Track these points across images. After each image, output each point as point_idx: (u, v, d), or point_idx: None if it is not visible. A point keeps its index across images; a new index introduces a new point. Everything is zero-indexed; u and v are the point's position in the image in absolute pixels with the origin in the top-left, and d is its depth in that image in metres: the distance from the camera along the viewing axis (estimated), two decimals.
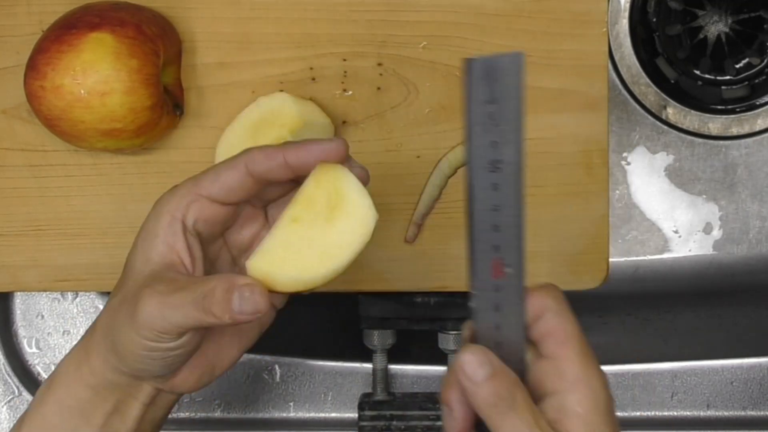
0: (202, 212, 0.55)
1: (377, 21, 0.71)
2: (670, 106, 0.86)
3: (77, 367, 0.57)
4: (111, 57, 0.64)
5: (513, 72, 0.47)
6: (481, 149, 0.47)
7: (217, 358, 0.58)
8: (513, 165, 0.48)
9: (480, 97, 0.47)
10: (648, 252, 0.88)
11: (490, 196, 0.48)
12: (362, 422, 0.75)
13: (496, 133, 0.47)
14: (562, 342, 0.51)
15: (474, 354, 0.50)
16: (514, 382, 0.50)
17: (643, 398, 0.83)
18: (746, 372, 0.83)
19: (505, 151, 0.47)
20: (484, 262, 0.49)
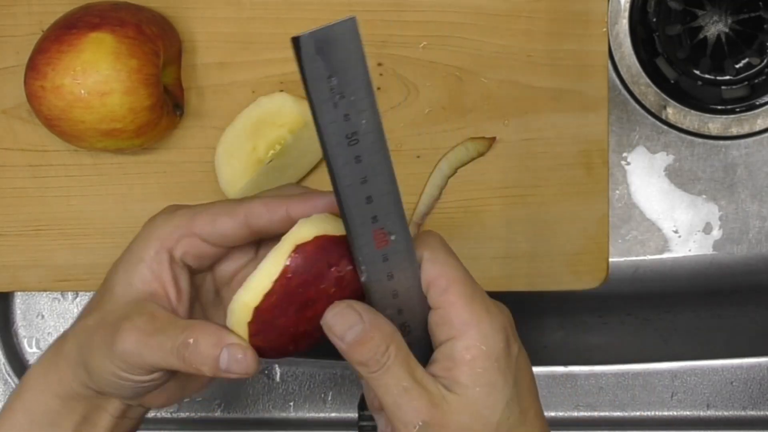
0: (192, 248, 0.53)
1: (377, 21, 0.71)
2: (670, 106, 0.86)
3: (45, 375, 0.56)
4: (111, 57, 0.64)
5: (349, 39, 0.44)
6: (334, 126, 0.45)
7: (188, 380, 0.57)
8: (371, 133, 0.46)
9: (318, 73, 0.44)
10: (648, 252, 0.88)
11: (355, 170, 0.46)
12: (362, 422, 0.75)
13: (345, 105, 0.45)
14: (444, 289, 0.49)
15: (341, 314, 0.49)
16: (388, 337, 0.49)
17: (643, 398, 0.83)
18: (746, 372, 0.83)
19: (360, 122, 0.46)
20: (365, 236, 0.48)
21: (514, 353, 0.50)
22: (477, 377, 0.49)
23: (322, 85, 0.45)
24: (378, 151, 0.47)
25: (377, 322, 0.49)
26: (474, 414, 0.49)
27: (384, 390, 0.50)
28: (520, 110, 0.71)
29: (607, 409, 0.84)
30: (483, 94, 0.71)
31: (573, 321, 0.90)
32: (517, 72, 0.71)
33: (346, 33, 0.44)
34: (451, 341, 0.49)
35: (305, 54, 0.44)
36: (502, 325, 0.50)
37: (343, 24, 0.44)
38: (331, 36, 0.44)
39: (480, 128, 0.71)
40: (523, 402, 0.50)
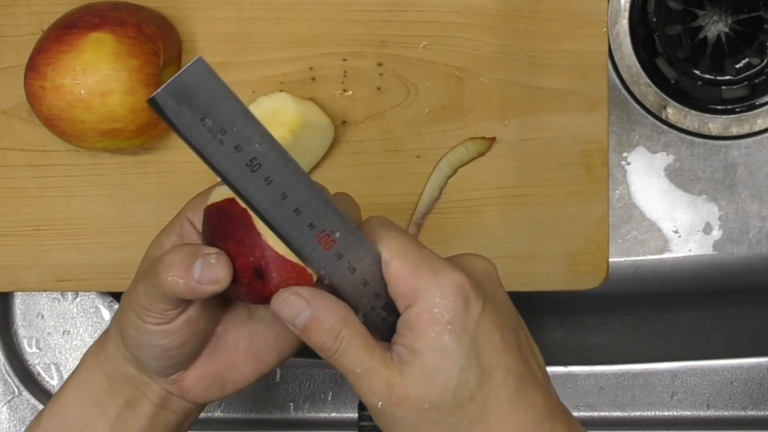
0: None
1: (377, 21, 0.71)
2: (670, 106, 0.86)
3: (96, 354, 0.57)
4: (111, 57, 0.64)
5: (204, 79, 0.45)
6: (229, 160, 0.46)
7: (228, 373, 0.56)
8: (270, 152, 0.46)
9: (189, 121, 0.45)
10: (648, 252, 0.88)
11: (271, 191, 0.47)
12: (362, 422, 0.75)
13: (231, 138, 0.45)
14: (388, 263, 0.49)
15: (286, 302, 0.49)
16: (341, 321, 0.49)
17: (643, 398, 0.83)
18: (746, 372, 0.83)
19: (253, 147, 0.46)
20: (309, 244, 0.48)
21: (473, 313, 0.49)
22: (429, 343, 0.49)
23: (198, 129, 0.45)
24: (284, 165, 0.47)
25: (326, 305, 0.49)
26: (429, 382, 0.49)
27: (344, 372, 0.50)
28: (520, 110, 0.71)
29: (607, 409, 0.84)
30: (483, 94, 0.71)
31: (573, 321, 0.90)
32: (517, 72, 0.71)
33: (198, 74, 0.45)
34: (407, 311, 0.49)
35: (168, 109, 0.45)
36: (455, 286, 0.49)
37: (192, 67, 0.45)
38: (184, 83, 0.45)
39: (480, 128, 0.71)
40: (485, 362, 0.49)
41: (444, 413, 0.49)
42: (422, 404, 0.49)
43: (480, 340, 0.49)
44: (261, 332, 0.56)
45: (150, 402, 0.57)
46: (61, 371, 0.83)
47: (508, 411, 0.50)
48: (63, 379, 0.83)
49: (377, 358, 0.49)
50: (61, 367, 0.83)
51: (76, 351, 0.83)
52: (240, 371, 0.56)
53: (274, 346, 0.56)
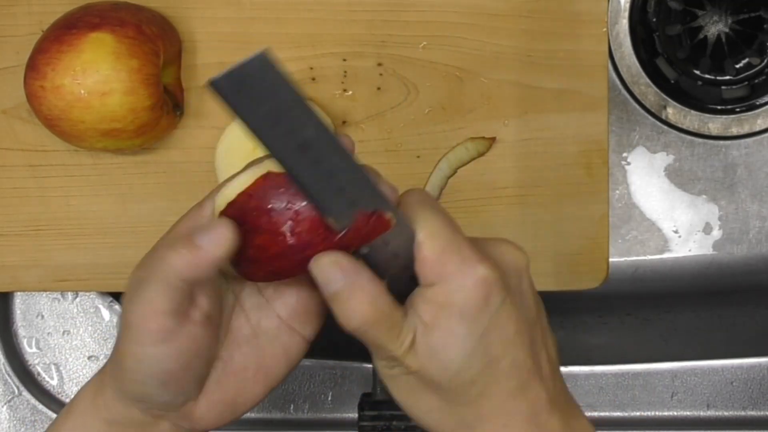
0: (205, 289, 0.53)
1: (377, 21, 0.71)
2: (670, 106, 0.86)
3: (93, 399, 0.55)
4: (111, 57, 0.64)
5: (264, 71, 0.46)
6: (281, 141, 0.47)
7: (239, 394, 0.56)
8: (320, 137, 0.48)
9: (245, 106, 0.46)
10: (648, 252, 0.88)
11: (318, 172, 0.48)
12: (362, 422, 0.75)
13: (285, 123, 0.47)
14: (421, 243, 0.50)
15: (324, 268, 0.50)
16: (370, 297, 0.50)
17: (643, 398, 0.83)
18: (746, 372, 0.83)
19: (304, 132, 0.47)
20: (348, 221, 0.49)
21: (492, 306, 0.50)
22: (442, 323, 0.50)
23: (254, 113, 0.47)
24: (333, 149, 0.48)
25: (360, 282, 0.50)
26: (431, 357, 0.50)
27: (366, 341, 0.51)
28: (520, 110, 0.71)
29: (607, 409, 0.84)
30: (483, 94, 0.71)
31: (573, 321, 0.90)
32: (517, 72, 0.71)
33: (260, 67, 0.47)
34: (429, 287, 0.50)
35: (226, 93, 0.46)
36: (478, 278, 0.50)
37: (254, 61, 0.47)
38: (245, 73, 0.46)
39: (480, 128, 0.71)
40: (493, 352, 0.50)
41: (443, 389, 0.51)
42: (423, 374, 0.51)
43: (492, 332, 0.50)
44: (267, 347, 0.55)
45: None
46: (61, 371, 0.83)
47: (505, 400, 0.51)
48: (63, 379, 0.83)
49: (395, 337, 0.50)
50: (61, 367, 0.83)
51: (76, 351, 0.83)
52: (251, 391, 0.56)
53: (282, 357, 0.56)
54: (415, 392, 0.52)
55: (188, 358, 0.52)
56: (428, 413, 0.52)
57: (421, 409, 0.52)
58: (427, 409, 0.52)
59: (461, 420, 0.52)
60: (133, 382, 0.53)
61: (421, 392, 0.52)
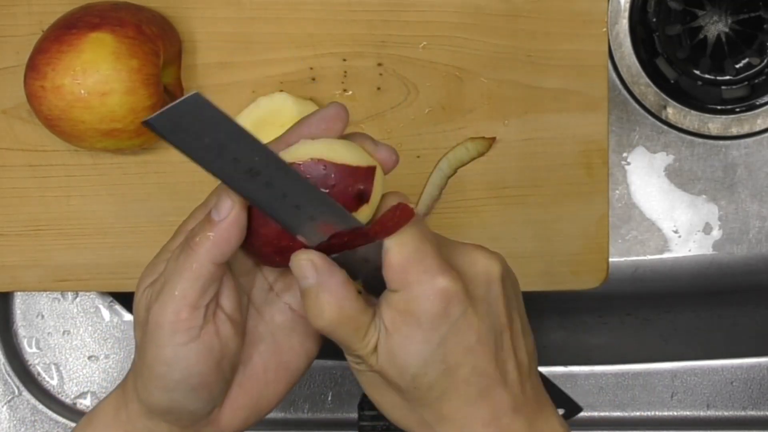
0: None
1: (377, 21, 0.71)
2: (670, 106, 0.86)
3: (115, 414, 0.55)
4: (111, 57, 0.64)
5: (200, 109, 0.46)
6: (229, 169, 0.48)
7: (262, 395, 0.56)
8: (269, 164, 0.49)
9: (186, 142, 0.47)
10: (648, 252, 0.88)
11: (271, 193, 0.49)
12: (362, 422, 0.75)
13: (229, 153, 0.48)
14: (387, 249, 0.51)
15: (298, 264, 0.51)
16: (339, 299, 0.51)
17: (643, 398, 0.83)
18: (746, 372, 0.83)
19: (252, 159, 0.48)
20: (313, 234, 0.51)
21: (452, 316, 0.51)
22: (400, 329, 0.51)
23: (196, 146, 0.47)
24: (283, 172, 0.49)
25: (329, 284, 0.51)
26: (390, 359, 0.52)
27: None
28: (520, 110, 0.71)
29: (607, 409, 0.84)
30: (483, 94, 0.71)
31: (573, 321, 0.90)
32: (517, 72, 0.71)
33: (195, 106, 0.46)
34: (393, 293, 0.51)
35: (166, 132, 0.47)
36: (438, 291, 0.51)
37: (188, 100, 0.46)
38: (180, 112, 0.46)
39: (480, 128, 0.71)
40: (452, 359, 0.52)
41: (403, 389, 0.52)
42: (384, 375, 0.52)
43: (451, 340, 0.51)
44: (284, 342, 0.56)
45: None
46: (61, 371, 0.83)
47: (463, 405, 0.53)
48: (63, 379, 0.83)
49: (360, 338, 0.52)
50: (61, 367, 0.83)
51: (76, 351, 0.83)
52: (273, 391, 0.56)
53: (300, 350, 0.56)
54: (380, 388, 0.54)
55: (218, 359, 0.53)
56: (393, 409, 0.54)
57: (386, 404, 0.54)
58: (391, 406, 0.54)
59: (421, 419, 0.53)
60: (163, 391, 0.53)
61: (385, 389, 0.54)
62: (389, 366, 0.52)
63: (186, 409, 0.54)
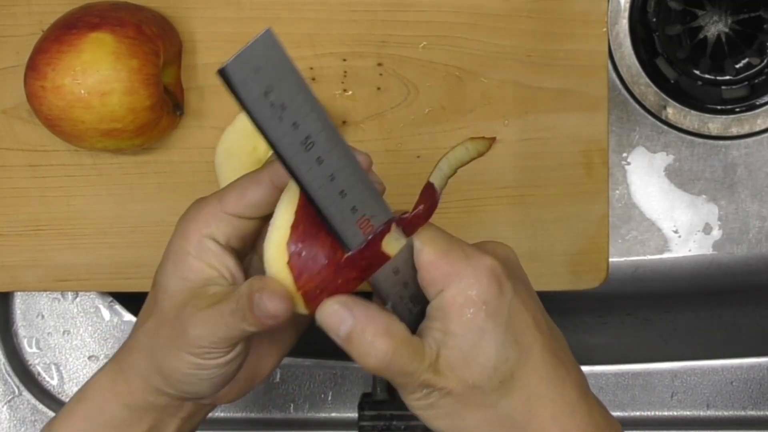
0: (230, 229, 0.52)
1: (377, 21, 0.71)
2: (670, 106, 0.86)
3: (112, 385, 0.56)
4: (111, 57, 0.64)
5: (271, 51, 0.44)
6: (287, 138, 0.45)
7: (256, 367, 0.56)
8: (323, 131, 0.46)
9: (254, 95, 0.44)
10: (648, 252, 0.88)
11: (321, 171, 0.47)
12: (362, 422, 0.75)
13: (289, 115, 0.45)
14: (420, 250, 0.50)
15: (330, 314, 0.49)
16: (382, 330, 0.49)
17: (643, 398, 0.83)
18: (746, 372, 0.83)
19: (309, 125, 0.46)
20: (350, 228, 0.48)
21: (507, 294, 0.50)
22: (466, 324, 0.49)
23: (261, 103, 0.45)
24: (335, 146, 0.47)
25: (369, 315, 0.49)
26: (470, 362, 0.49)
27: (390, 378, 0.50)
28: (520, 110, 0.71)
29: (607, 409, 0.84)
30: (483, 94, 0.71)
31: (573, 321, 0.90)
32: (517, 72, 0.71)
33: (266, 46, 0.44)
34: (440, 295, 0.50)
35: (236, 81, 0.44)
36: (488, 269, 0.50)
37: (261, 39, 0.44)
38: (253, 54, 0.44)
39: (480, 128, 0.71)
40: (523, 340, 0.50)
41: (486, 391, 0.50)
42: (464, 386, 0.50)
43: (515, 319, 0.50)
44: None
45: (177, 419, 0.56)
46: (61, 371, 0.83)
47: (547, 389, 0.51)
48: (63, 379, 0.83)
49: (420, 359, 0.49)
50: (61, 367, 0.83)
51: (76, 351, 0.83)
52: (265, 362, 0.57)
53: (292, 324, 0.56)
54: (458, 414, 0.51)
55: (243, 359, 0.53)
56: (477, 429, 0.51)
57: (468, 427, 0.51)
58: (476, 427, 0.51)
59: (512, 423, 0.51)
60: (182, 384, 0.53)
61: (463, 411, 0.51)
62: (466, 369, 0.49)
63: (202, 394, 0.54)
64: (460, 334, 0.49)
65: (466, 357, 0.49)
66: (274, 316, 0.48)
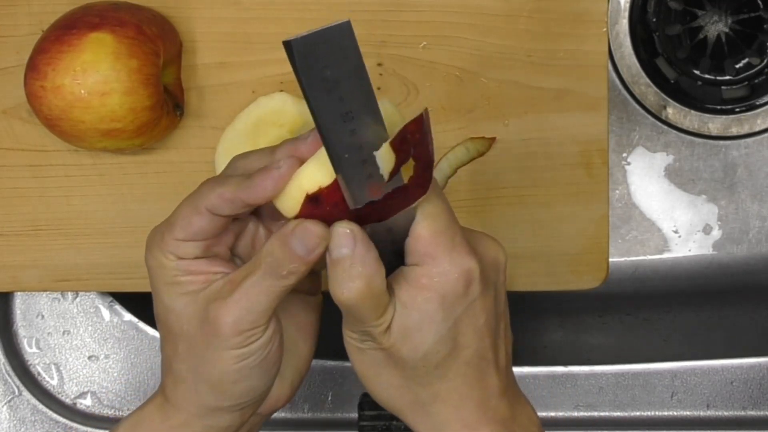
0: (194, 245, 0.54)
1: (377, 21, 0.71)
2: (670, 106, 0.86)
3: (164, 419, 0.56)
4: (111, 57, 0.64)
5: (343, 39, 0.48)
6: (328, 107, 0.49)
7: (296, 357, 0.57)
8: (367, 115, 0.49)
9: (311, 69, 0.48)
10: (648, 252, 0.88)
11: (351, 141, 0.49)
12: (362, 422, 0.75)
13: (338, 90, 0.48)
14: (418, 222, 0.52)
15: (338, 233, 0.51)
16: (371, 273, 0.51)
17: (643, 398, 0.83)
18: (746, 372, 0.83)
19: (354, 104, 0.49)
20: (363, 191, 0.50)
21: (470, 296, 0.52)
22: (417, 303, 0.51)
23: (316, 75, 0.48)
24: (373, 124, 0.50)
25: (365, 257, 0.51)
26: (405, 337, 0.52)
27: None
28: (520, 110, 0.71)
29: (607, 409, 0.84)
30: (483, 94, 0.71)
31: (573, 321, 0.90)
32: (517, 72, 0.71)
33: (341, 35, 0.48)
34: (413, 267, 0.52)
35: (298, 54, 0.47)
36: (463, 269, 0.51)
37: (338, 28, 0.48)
38: (325, 37, 0.48)
39: (480, 128, 0.71)
40: (461, 340, 0.52)
41: (410, 366, 0.53)
42: (395, 352, 0.52)
43: (464, 320, 0.52)
44: (293, 302, 0.57)
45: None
46: (61, 371, 0.83)
47: (461, 385, 0.53)
48: (63, 379, 0.83)
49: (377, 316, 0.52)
50: (61, 367, 0.83)
51: (76, 351, 0.83)
52: (302, 348, 0.58)
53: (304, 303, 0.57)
54: (378, 367, 0.54)
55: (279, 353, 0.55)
56: (386, 389, 0.54)
57: (380, 383, 0.54)
58: (386, 385, 0.54)
59: (416, 398, 0.54)
60: (232, 398, 0.54)
61: (384, 368, 0.54)
62: (402, 343, 0.52)
63: (254, 395, 0.55)
64: (411, 311, 0.51)
65: (406, 333, 0.52)
66: (316, 244, 0.50)
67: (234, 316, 0.52)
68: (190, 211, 0.53)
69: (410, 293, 0.51)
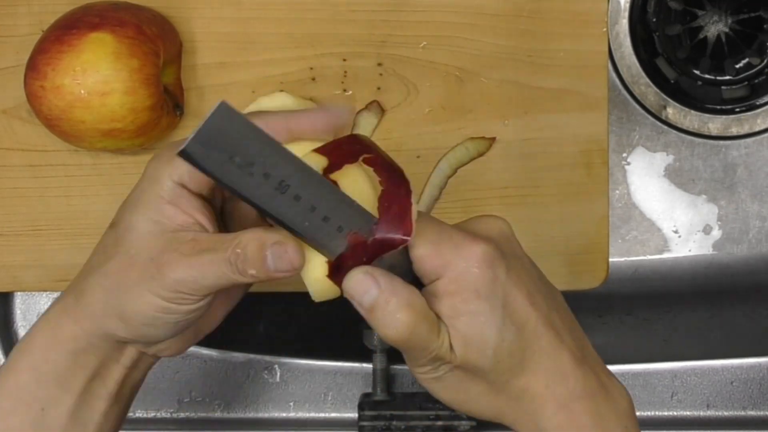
0: (202, 177, 0.52)
1: (377, 21, 0.71)
2: (670, 106, 0.86)
3: (54, 333, 0.55)
4: (111, 57, 0.64)
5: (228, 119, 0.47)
6: (260, 189, 0.48)
7: (204, 322, 0.57)
8: (295, 173, 0.49)
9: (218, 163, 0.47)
10: (648, 252, 0.88)
11: (300, 206, 0.49)
12: (362, 422, 0.75)
13: (259, 168, 0.48)
14: (412, 245, 0.51)
15: (357, 281, 0.51)
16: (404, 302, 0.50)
17: (643, 398, 0.83)
18: (746, 372, 0.83)
19: (279, 171, 0.48)
20: (341, 245, 0.50)
21: (500, 276, 0.51)
22: (458, 308, 0.51)
23: (228, 169, 0.47)
24: (309, 180, 0.49)
25: (394, 287, 0.50)
26: (471, 345, 0.51)
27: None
28: (520, 110, 0.71)
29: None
30: (483, 94, 0.71)
31: None
32: (517, 72, 0.71)
33: (222, 117, 0.47)
34: (433, 283, 0.52)
35: (198, 158, 0.47)
36: (478, 256, 0.51)
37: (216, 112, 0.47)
38: (210, 128, 0.47)
39: (480, 128, 0.71)
40: (517, 318, 0.52)
41: (487, 371, 0.52)
42: (468, 364, 0.52)
43: (509, 300, 0.52)
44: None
45: (120, 366, 0.56)
46: None
47: (541, 359, 0.53)
48: None
49: (436, 335, 0.51)
50: None
51: None
52: (213, 316, 0.57)
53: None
54: (462, 386, 0.53)
55: (210, 304, 0.54)
56: (479, 402, 0.54)
57: (471, 400, 0.54)
58: (477, 399, 0.53)
59: (508, 395, 0.53)
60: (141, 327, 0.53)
61: (467, 384, 0.53)
62: (470, 352, 0.51)
63: (156, 338, 0.55)
64: (457, 320, 0.51)
65: (466, 341, 0.51)
66: (293, 269, 0.50)
67: (180, 275, 0.51)
68: None
69: (448, 305, 0.51)
